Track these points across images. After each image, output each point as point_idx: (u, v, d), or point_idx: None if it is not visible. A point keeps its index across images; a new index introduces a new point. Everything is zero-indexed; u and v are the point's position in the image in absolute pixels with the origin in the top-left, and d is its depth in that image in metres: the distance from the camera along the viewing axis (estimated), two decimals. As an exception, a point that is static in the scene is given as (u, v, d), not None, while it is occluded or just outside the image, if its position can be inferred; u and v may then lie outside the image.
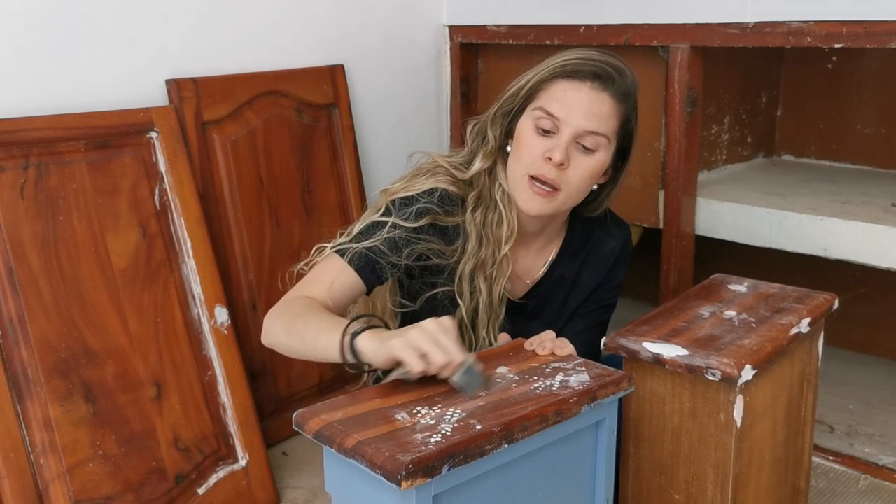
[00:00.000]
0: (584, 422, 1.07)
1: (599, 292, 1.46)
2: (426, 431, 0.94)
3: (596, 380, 1.08)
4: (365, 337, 1.08)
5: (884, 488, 1.75)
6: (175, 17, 1.76)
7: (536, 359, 1.16)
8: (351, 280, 1.26)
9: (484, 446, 0.93)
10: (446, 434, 0.93)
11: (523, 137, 1.29)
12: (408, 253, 1.28)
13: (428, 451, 0.89)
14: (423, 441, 0.92)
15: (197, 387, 1.63)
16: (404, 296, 1.38)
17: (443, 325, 1.04)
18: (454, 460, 0.91)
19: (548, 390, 1.05)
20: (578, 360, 1.15)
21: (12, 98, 1.53)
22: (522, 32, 2.13)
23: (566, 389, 1.05)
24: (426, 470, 0.88)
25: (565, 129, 1.26)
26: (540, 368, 1.12)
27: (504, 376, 1.10)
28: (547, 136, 1.27)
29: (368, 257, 1.26)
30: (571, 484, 1.10)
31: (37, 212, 1.48)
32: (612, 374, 1.10)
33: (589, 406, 1.05)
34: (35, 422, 1.41)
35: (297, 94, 1.96)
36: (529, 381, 1.08)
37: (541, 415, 0.99)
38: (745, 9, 1.75)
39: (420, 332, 1.03)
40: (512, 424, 0.96)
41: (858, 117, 2.33)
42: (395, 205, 1.30)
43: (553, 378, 1.08)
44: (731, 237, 1.99)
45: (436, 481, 0.90)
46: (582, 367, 1.12)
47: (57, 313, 1.47)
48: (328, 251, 1.29)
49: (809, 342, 1.39)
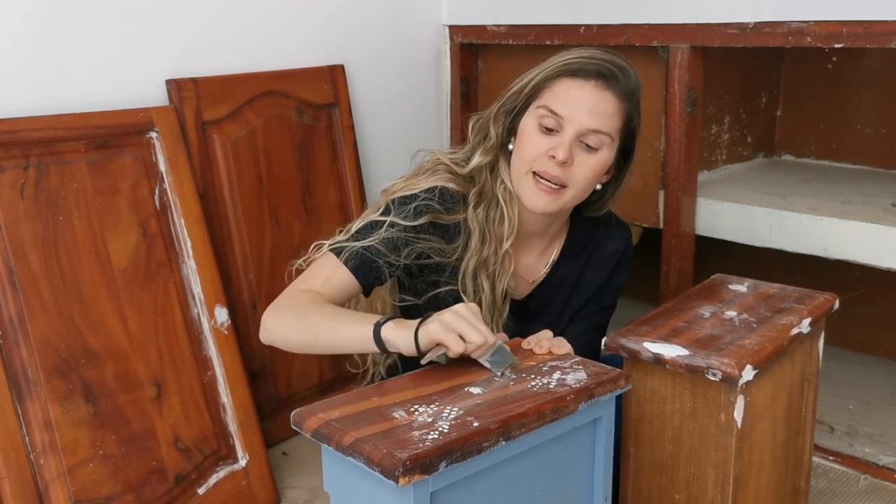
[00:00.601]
0: (581, 419, 1.07)
1: (601, 293, 1.46)
2: (424, 429, 0.94)
3: (593, 377, 1.08)
4: (390, 327, 1.12)
5: (884, 488, 1.75)
6: (175, 17, 1.76)
7: (534, 357, 1.16)
8: (345, 279, 1.26)
9: (481, 443, 0.94)
10: (444, 431, 0.94)
11: (526, 135, 1.29)
12: (407, 252, 1.28)
13: (425, 448, 0.90)
14: (420, 438, 0.92)
15: (197, 387, 1.63)
16: (406, 294, 1.38)
17: (473, 309, 1.10)
18: (452, 457, 0.91)
19: (545, 388, 1.05)
20: (576, 358, 1.15)
21: (12, 98, 1.53)
22: (522, 32, 2.13)
23: (563, 387, 1.06)
24: (423, 466, 0.89)
25: (569, 128, 1.26)
26: (537, 367, 1.12)
27: (506, 373, 1.11)
28: (550, 134, 1.27)
29: (364, 257, 1.26)
30: (570, 482, 1.10)
31: (37, 212, 1.48)
32: (609, 371, 1.10)
33: (586, 403, 1.05)
34: (35, 422, 1.41)
35: (298, 94, 1.96)
36: (526, 380, 1.08)
37: (538, 412, 1.00)
38: (745, 9, 1.75)
39: (455, 315, 1.08)
40: (509, 422, 0.97)
41: (858, 117, 2.32)
42: (395, 203, 1.30)
43: (550, 376, 1.09)
44: (731, 237, 1.98)
45: (433, 478, 0.90)
46: (579, 366, 1.12)
47: (57, 313, 1.47)
48: (325, 249, 1.29)
49: (810, 342, 1.39)
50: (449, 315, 1.09)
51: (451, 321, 1.08)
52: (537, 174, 1.27)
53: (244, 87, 1.86)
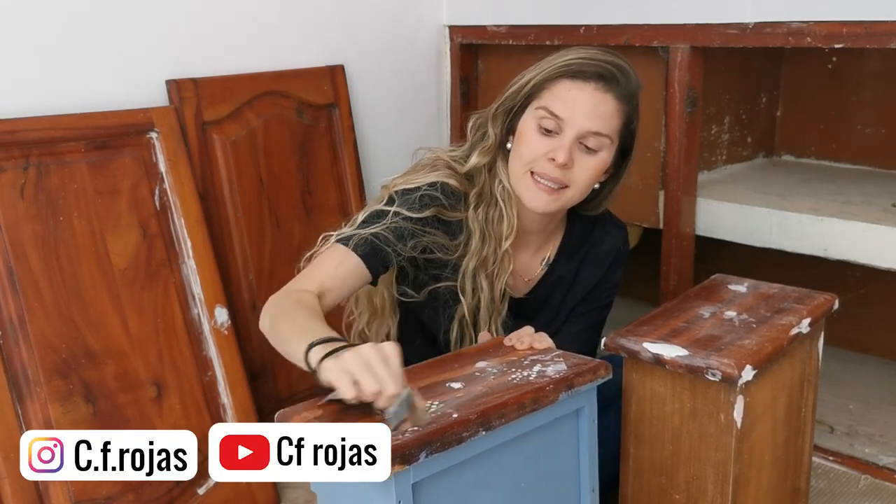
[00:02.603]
0: (562, 410, 1.08)
1: (597, 291, 1.46)
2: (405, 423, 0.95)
3: (573, 368, 1.10)
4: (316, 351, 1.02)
5: (884, 488, 1.75)
6: (175, 17, 1.76)
7: (515, 353, 1.17)
8: (355, 266, 1.24)
9: (461, 433, 0.95)
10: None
11: (525, 136, 1.29)
12: (413, 244, 1.27)
13: (405, 439, 0.91)
14: (400, 430, 0.93)
15: (197, 387, 1.63)
16: (409, 285, 1.38)
17: (383, 351, 0.96)
18: (431, 447, 0.92)
19: (525, 380, 1.07)
20: (557, 352, 1.16)
21: (12, 98, 1.53)
22: (522, 32, 2.13)
23: (543, 378, 1.07)
24: (404, 457, 0.90)
25: (569, 130, 1.25)
26: (518, 361, 1.14)
27: (485, 369, 1.11)
28: (549, 135, 1.27)
29: (373, 244, 1.25)
30: (555, 474, 1.11)
31: (37, 212, 1.48)
32: (588, 362, 1.12)
33: (566, 394, 1.06)
34: (35, 422, 1.41)
35: (298, 94, 1.96)
36: (507, 373, 1.09)
37: (518, 402, 1.01)
38: (745, 9, 1.75)
39: (353, 357, 0.95)
40: (489, 412, 0.98)
41: (858, 117, 2.32)
42: (399, 195, 1.30)
43: (531, 369, 1.10)
44: (731, 237, 1.98)
45: (414, 468, 0.92)
46: (560, 358, 1.13)
47: (57, 313, 1.47)
48: (332, 241, 1.28)
49: (809, 342, 1.39)
50: (350, 355, 0.96)
51: (349, 363, 0.95)
52: (536, 174, 1.27)
53: (244, 87, 1.86)
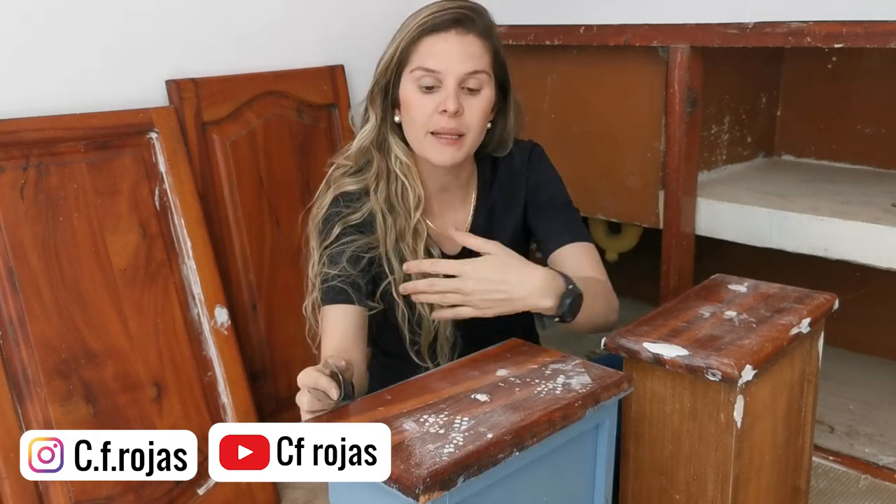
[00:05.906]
0: (587, 425, 1.07)
1: (536, 196, 1.45)
2: (437, 441, 0.93)
3: (597, 381, 1.08)
4: None
5: (884, 488, 1.75)
6: (175, 17, 1.76)
7: (534, 360, 1.16)
8: (344, 314, 1.29)
9: (496, 455, 0.93)
10: (458, 444, 0.93)
11: (411, 100, 1.32)
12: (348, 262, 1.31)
13: (443, 463, 0.89)
14: (436, 452, 0.91)
15: (197, 387, 1.63)
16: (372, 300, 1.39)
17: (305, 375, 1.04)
18: (469, 471, 0.90)
19: (551, 394, 1.05)
20: (576, 360, 1.15)
21: (12, 98, 1.53)
22: (522, 32, 2.13)
23: (570, 392, 1.05)
24: (443, 483, 0.88)
25: (448, 79, 1.29)
26: (539, 370, 1.12)
27: (507, 378, 1.10)
28: (432, 91, 1.30)
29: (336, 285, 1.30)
30: (573, 485, 1.11)
31: (37, 212, 1.48)
32: (612, 374, 1.10)
33: (592, 409, 1.05)
34: (35, 422, 1.41)
35: (297, 94, 1.96)
36: (531, 384, 1.08)
37: (549, 420, 1.00)
38: (745, 9, 1.75)
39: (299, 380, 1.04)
40: (522, 431, 0.96)
41: (858, 117, 2.32)
42: (313, 233, 1.37)
43: (554, 380, 1.09)
44: (731, 237, 1.98)
45: (450, 494, 0.90)
46: (581, 369, 1.12)
47: (57, 314, 1.47)
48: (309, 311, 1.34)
49: (810, 342, 1.39)
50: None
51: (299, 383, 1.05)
52: (436, 133, 1.31)
53: (244, 87, 1.86)
